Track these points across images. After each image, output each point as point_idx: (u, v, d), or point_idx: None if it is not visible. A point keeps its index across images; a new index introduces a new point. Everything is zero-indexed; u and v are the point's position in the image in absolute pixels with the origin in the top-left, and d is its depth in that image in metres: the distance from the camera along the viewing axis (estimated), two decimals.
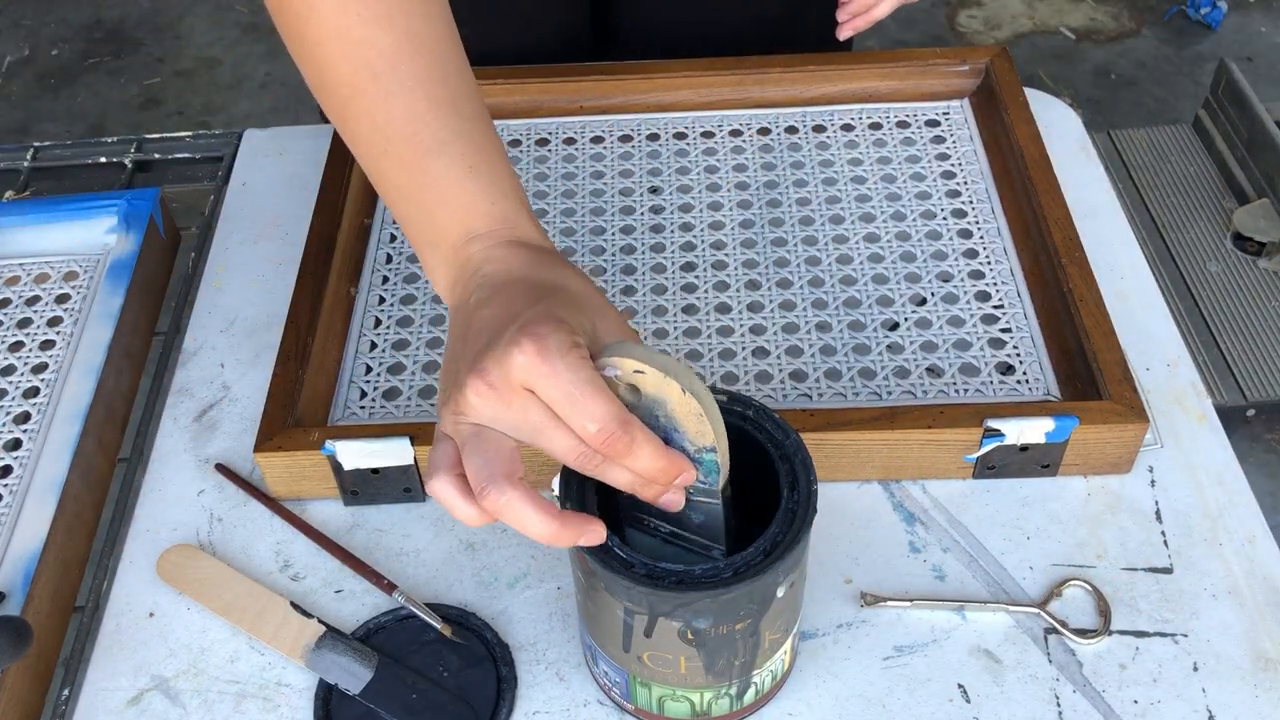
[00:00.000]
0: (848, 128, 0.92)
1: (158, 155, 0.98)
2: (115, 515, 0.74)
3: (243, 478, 0.73)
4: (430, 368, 0.77)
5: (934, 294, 0.80)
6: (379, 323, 0.80)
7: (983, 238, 0.83)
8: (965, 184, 0.87)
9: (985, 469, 0.71)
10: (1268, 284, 1.78)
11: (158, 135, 1.00)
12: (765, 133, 0.92)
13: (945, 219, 0.85)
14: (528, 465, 0.69)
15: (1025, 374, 0.75)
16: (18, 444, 0.74)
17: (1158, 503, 0.70)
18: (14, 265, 0.85)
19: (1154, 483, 0.71)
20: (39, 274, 0.85)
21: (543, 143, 0.92)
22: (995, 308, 0.79)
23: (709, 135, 0.92)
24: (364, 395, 0.76)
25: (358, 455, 0.68)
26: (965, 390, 0.74)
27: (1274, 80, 2.43)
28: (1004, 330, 0.77)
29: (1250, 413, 1.69)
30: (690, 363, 0.76)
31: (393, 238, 0.86)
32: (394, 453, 0.68)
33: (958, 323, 0.78)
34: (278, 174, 0.94)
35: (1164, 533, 0.69)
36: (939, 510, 0.70)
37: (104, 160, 0.98)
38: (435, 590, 0.68)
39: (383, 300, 0.82)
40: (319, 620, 0.65)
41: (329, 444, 0.68)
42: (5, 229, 0.86)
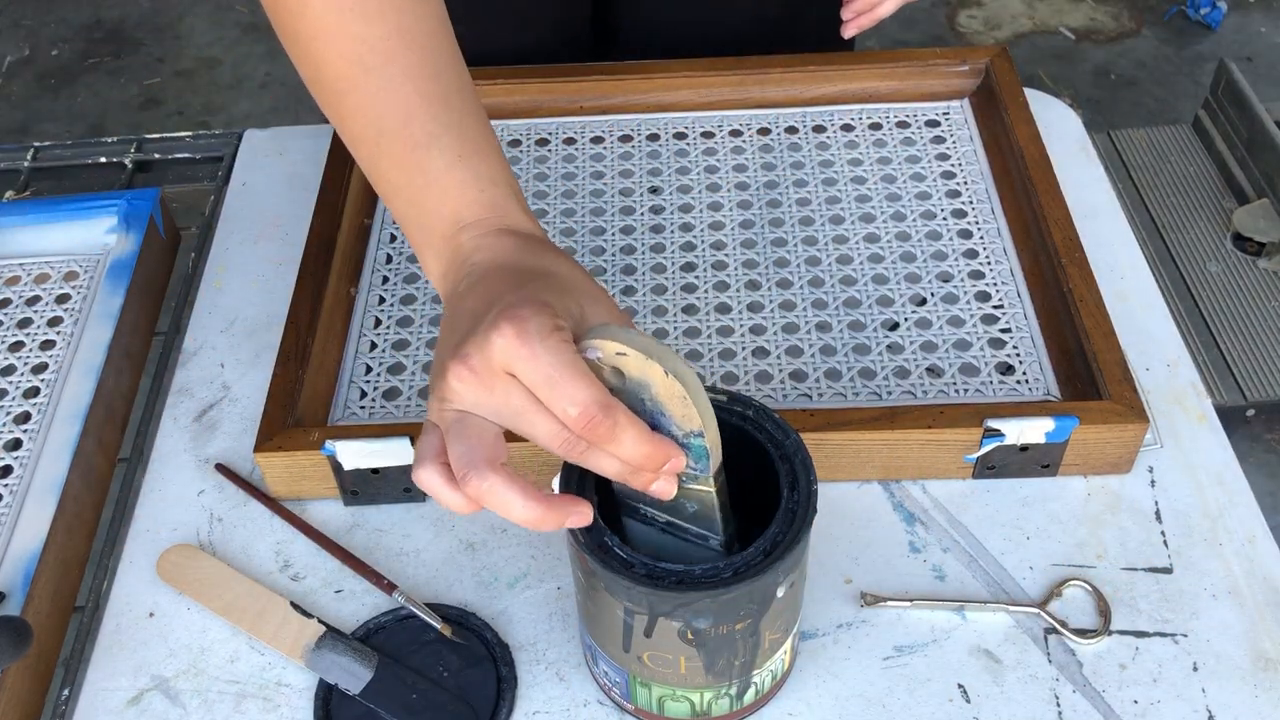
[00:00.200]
0: (848, 128, 0.92)
1: (158, 155, 0.98)
2: (115, 515, 0.74)
3: (243, 478, 0.73)
4: (430, 368, 0.77)
5: (934, 294, 0.80)
6: (379, 323, 0.80)
7: (983, 238, 0.83)
8: (965, 184, 0.87)
9: (985, 469, 0.71)
10: (1268, 284, 1.78)
11: (158, 135, 1.00)
12: (765, 133, 0.92)
13: (945, 219, 0.85)
14: (528, 464, 0.69)
15: (1025, 374, 0.75)
16: (18, 444, 0.74)
17: (1158, 503, 0.70)
18: (14, 265, 0.85)
19: (1154, 483, 0.71)
20: (39, 274, 0.85)
21: (543, 143, 0.92)
22: (995, 308, 0.79)
23: (709, 135, 0.92)
24: (364, 395, 0.76)
25: (358, 455, 0.69)
26: (965, 390, 0.74)
27: (1274, 80, 2.43)
28: (1004, 330, 0.77)
29: (1250, 413, 1.69)
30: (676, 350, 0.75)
31: (393, 238, 0.86)
32: (394, 453, 0.68)
33: (958, 323, 0.78)
34: (278, 174, 0.94)
35: (1164, 533, 0.69)
36: (939, 510, 0.70)
37: (104, 160, 0.98)
38: (435, 590, 0.68)
39: (383, 300, 0.82)
40: (319, 620, 0.66)
41: (329, 444, 0.68)
42: (5, 229, 0.86)
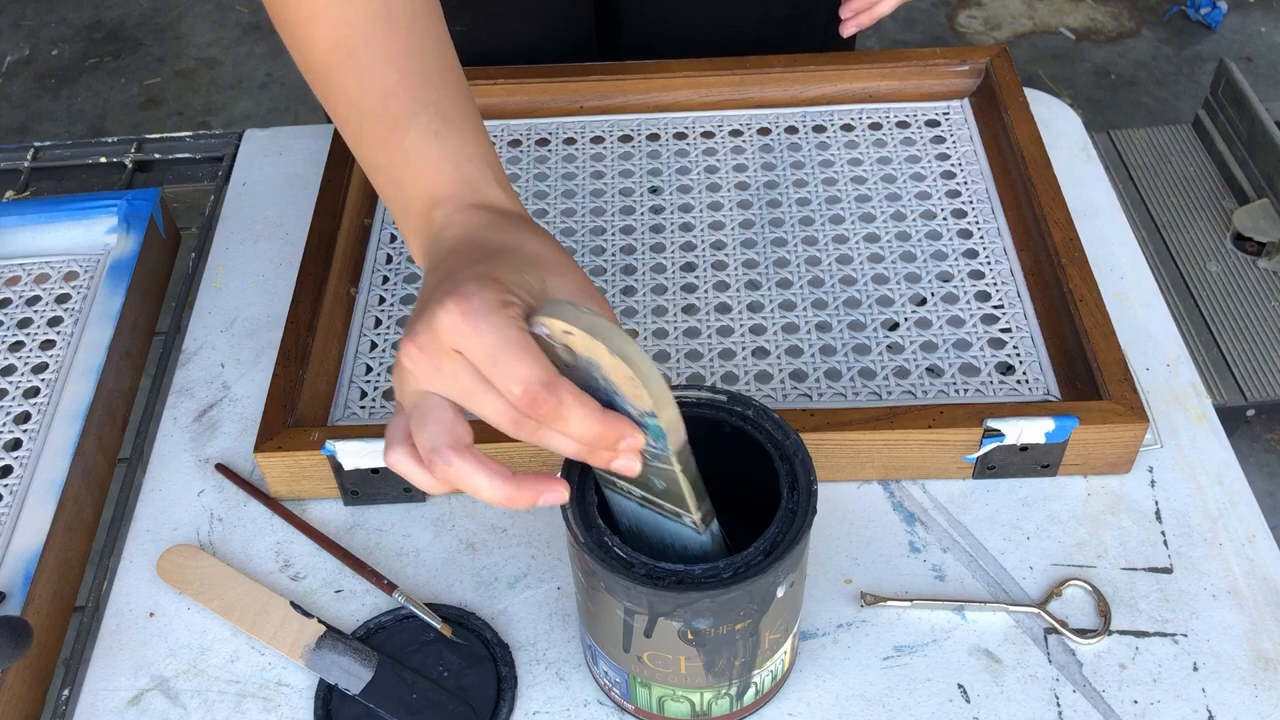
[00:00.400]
0: (848, 128, 0.92)
1: (158, 155, 0.98)
2: (115, 515, 0.74)
3: (243, 478, 0.73)
4: None
5: (934, 294, 0.80)
6: (379, 323, 0.80)
7: (983, 238, 0.83)
8: (965, 184, 0.87)
9: (985, 469, 0.71)
10: (1268, 284, 1.78)
11: (158, 135, 1.00)
12: (765, 133, 0.92)
13: (945, 219, 0.85)
14: (529, 462, 0.69)
15: (1025, 374, 0.75)
16: (18, 444, 0.74)
17: (1158, 503, 0.70)
18: (14, 265, 0.85)
19: (1154, 483, 0.71)
20: (39, 274, 0.85)
21: (543, 143, 0.92)
22: (995, 308, 0.79)
23: (709, 135, 0.92)
24: (364, 395, 0.76)
25: (358, 455, 0.69)
26: (965, 390, 0.74)
27: (1274, 80, 2.43)
28: (1004, 330, 0.77)
29: (1250, 413, 1.69)
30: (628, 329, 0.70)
31: (393, 238, 0.86)
32: None
33: (958, 323, 0.78)
34: (278, 174, 0.94)
35: (1164, 533, 0.69)
36: (939, 510, 0.70)
37: (104, 160, 0.98)
38: (435, 590, 0.68)
39: (383, 300, 0.82)
40: (319, 620, 0.66)
41: (329, 444, 0.68)
42: (5, 229, 0.86)
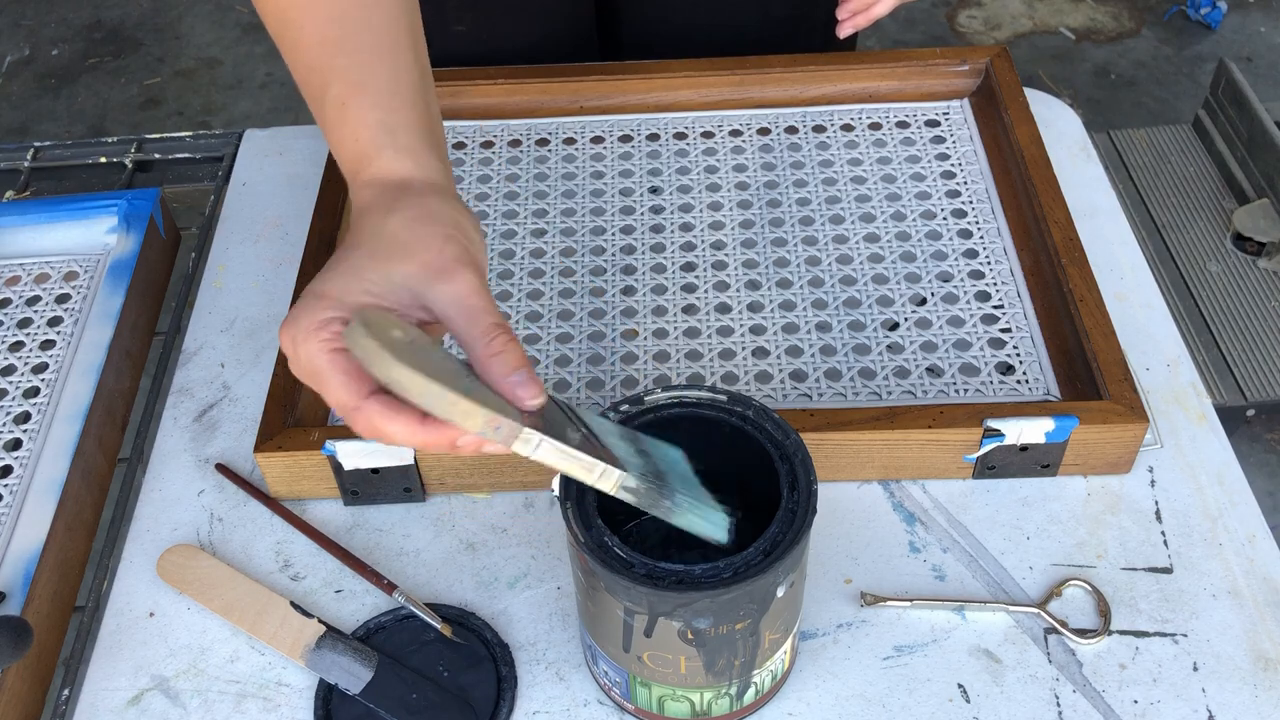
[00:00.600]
0: (848, 128, 0.92)
1: (158, 155, 0.98)
2: (115, 515, 0.74)
3: (243, 478, 0.73)
4: None
5: (934, 294, 0.80)
6: None
7: (983, 238, 0.83)
8: (965, 184, 0.87)
9: (985, 469, 0.71)
10: (1268, 284, 1.78)
11: (158, 135, 1.00)
12: (765, 133, 0.92)
13: (945, 219, 0.85)
14: (518, 468, 0.69)
15: (1025, 374, 0.75)
16: (18, 444, 0.74)
17: (1158, 503, 0.70)
18: (14, 265, 0.85)
19: (1154, 483, 0.71)
20: (39, 274, 0.85)
21: (543, 143, 0.92)
22: (995, 308, 0.79)
23: (709, 135, 0.92)
24: None
25: (358, 455, 0.69)
26: (965, 390, 0.74)
27: (1274, 80, 2.43)
28: (1004, 330, 0.77)
29: (1250, 413, 1.69)
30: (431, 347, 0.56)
31: None
32: (394, 453, 0.68)
33: (958, 323, 0.78)
34: (278, 174, 0.94)
35: (1164, 533, 0.69)
36: (939, 510, 0.70)
37: (104, 160, 0.98)
38: (435, 590, 0.68)
39: None
40: (319, 620, 0.66)
41: (329, 444, 0.68)
42: (5, 229, 0.86)
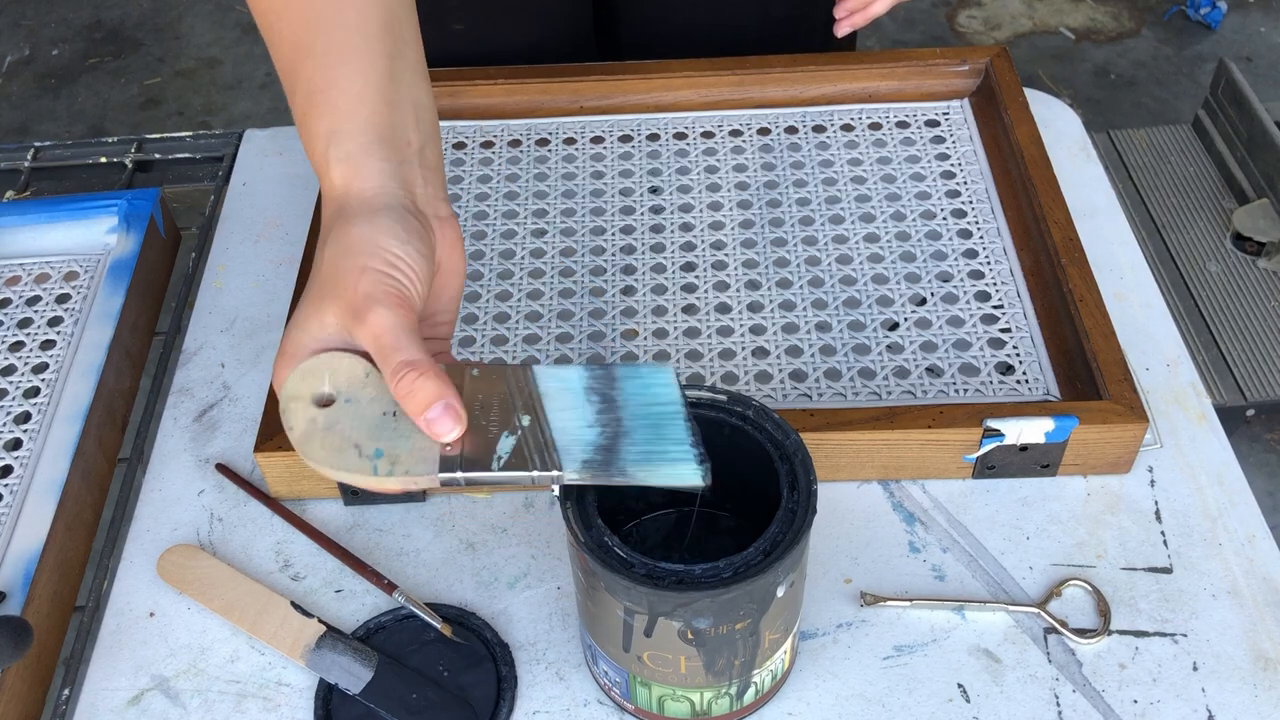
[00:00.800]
0: (848, 128, 0.92)
1: (158, 155, 0.98)
2: (115, 515, 0.74)
3: (243, 478, 0.73)
4: None
5: (934, 294, 0.80)
6: None
7: (983, 238, 0.83)
8: (965, 184, 0.87)
9: (985, 469, 0.71)
10: (1268, 284, 1.78)
11: (158, 135, 1.00)
12: (765, 133, 0.92)
13: (945, 219, 0.85)
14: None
15: (1025, 374, 0.75)
16: (18, 444, 0.74)
17: (1157, 503, 0.70)
18: (14, 265, 0.85)
19: (1154, 483, 0.71)
20: (39, 274, 0.85)
21: (543, 143, 0.92)
22: (995, 308, 0.79)
23: (709, 135, 0.92)
24: None
25: None
26: (965, 390, 0.74)
27: (1274, 80, 2.43)
28: (1004, 330, 0.77)
29: (1250, 413, 1.69)
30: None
31: None
32: None
33: (957, 323, 0.78)
34: (278, 174, 0.94)
35: (1164, 533, 0.69)
36: (939, 510, 0.70)
37: (104, 160, 0.98)
38: (435, 590, 0.68)
39: None
40: (319, 620, 0.66)
41: None
42: (5, 229, 0.86)
